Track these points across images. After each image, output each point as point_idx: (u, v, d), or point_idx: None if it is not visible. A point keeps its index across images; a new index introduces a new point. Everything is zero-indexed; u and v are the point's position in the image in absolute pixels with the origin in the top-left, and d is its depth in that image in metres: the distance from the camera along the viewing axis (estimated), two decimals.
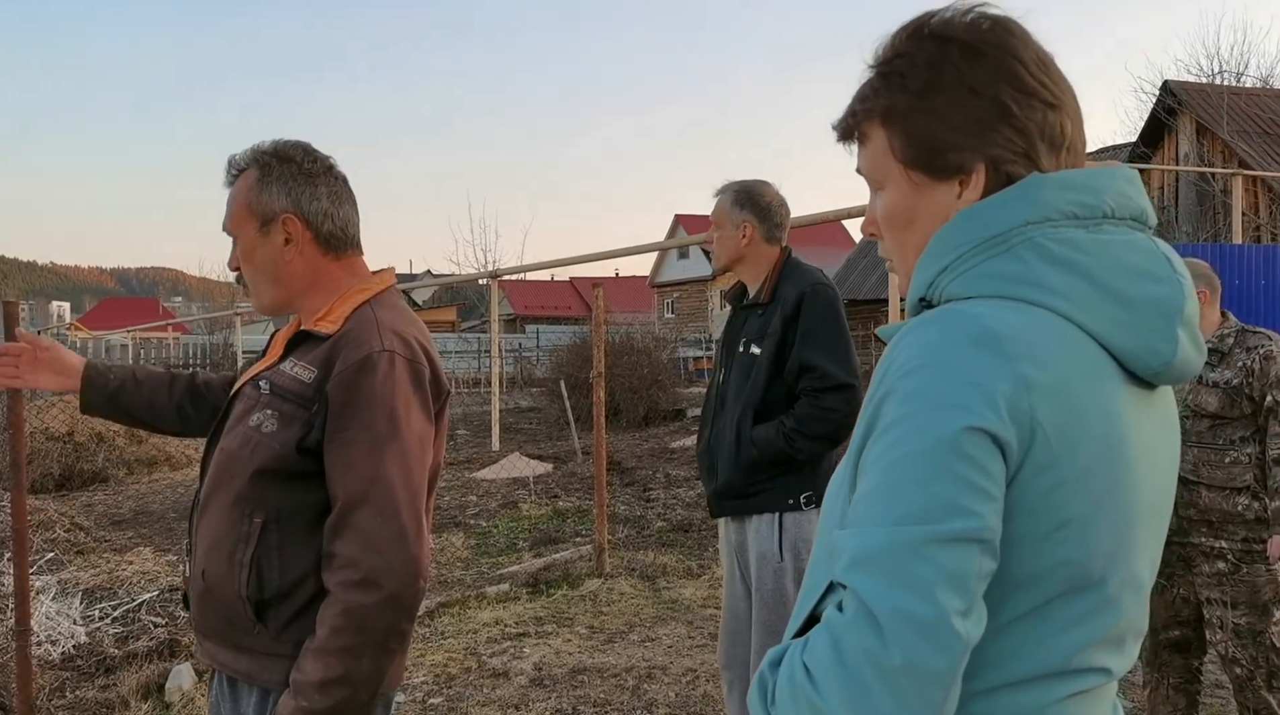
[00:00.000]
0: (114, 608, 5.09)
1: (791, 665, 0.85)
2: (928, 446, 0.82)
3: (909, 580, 0.79)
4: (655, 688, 4.16)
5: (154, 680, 4.24)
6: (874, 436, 0.87)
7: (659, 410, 14.83)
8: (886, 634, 0.78)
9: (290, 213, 1.63)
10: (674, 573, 6.00)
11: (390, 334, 1.58)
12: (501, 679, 4.30)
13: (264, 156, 1.66)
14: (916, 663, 0.77)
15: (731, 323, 2.93)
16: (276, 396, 1.57)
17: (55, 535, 7.38)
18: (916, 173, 0.98)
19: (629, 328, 16.20)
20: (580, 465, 10.56)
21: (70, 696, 4.16)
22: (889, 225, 1.03)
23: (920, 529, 0.80)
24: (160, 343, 24.91)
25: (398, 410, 1.53)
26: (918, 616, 0.78)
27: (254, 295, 1.69)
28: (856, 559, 0.82)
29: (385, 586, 1.47)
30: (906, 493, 0.82)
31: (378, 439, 1.51)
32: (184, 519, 8.58)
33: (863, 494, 0.86)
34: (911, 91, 0.96)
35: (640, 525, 7.54)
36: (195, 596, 1.65)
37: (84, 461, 10.76)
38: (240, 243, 1.66)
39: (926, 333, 0.89)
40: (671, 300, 49.23)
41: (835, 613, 0.83)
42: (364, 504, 1.49)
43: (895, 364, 0.89)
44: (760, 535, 2.73)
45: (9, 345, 1.89)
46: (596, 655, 4.57)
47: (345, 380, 1.53)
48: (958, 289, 0.93)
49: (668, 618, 5.13)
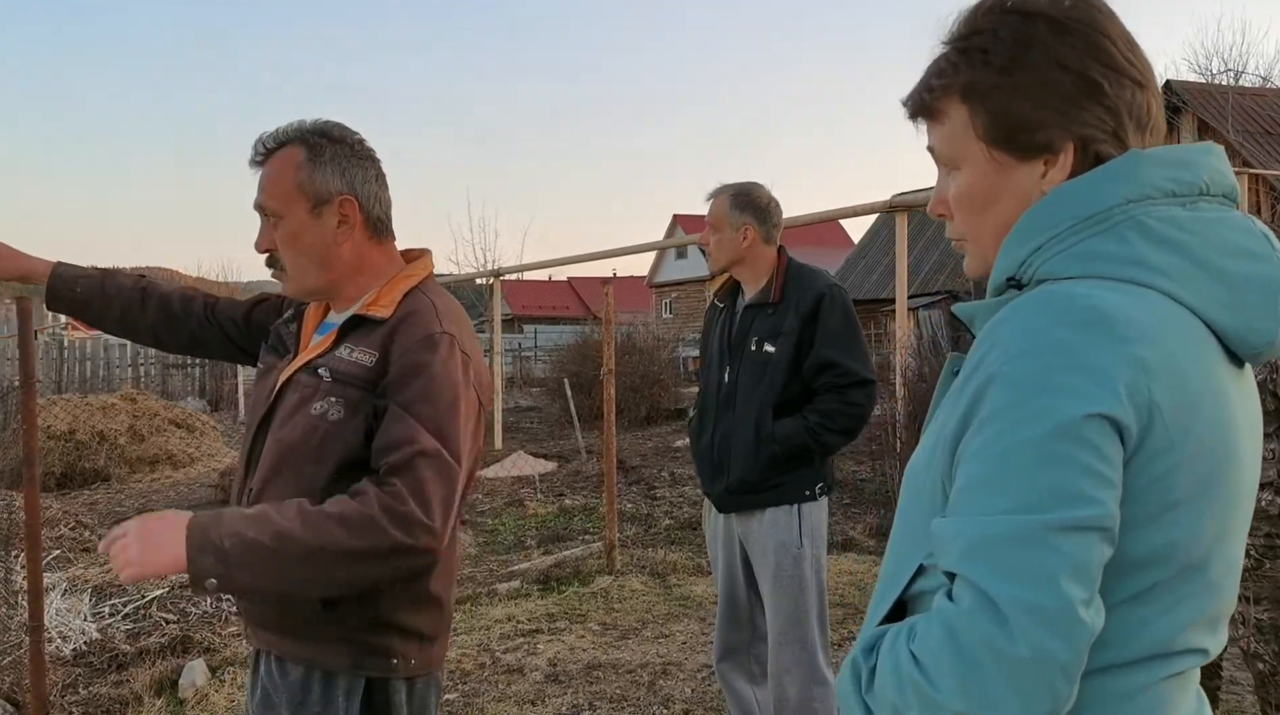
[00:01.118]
0: (124, 605, 5.06)
1: (896, 654, 0.83)
2: (1044, 433, 0.80)
3: (1032, 570, 0.77)
4: (671, 684, 4.15)
5: (167, 676, 4.23)
6: (978, 423, 0.85)
7: (661, 409, 14.85)
8: (1011, 625, 0.76)
9: (347, 194, 1.60)
10: (684, 570, 5.99)
11: (447, 319, 1.57)
12: (516, 675, 4.28)
13: (311, 135, 1.61)
14: (1044, 655, 0.76)
15: (730, 322, 2.95)
16: (339, 383, 1.54)
17: (60, 533, 7.35)
18: (1000, 151, 0.95)
19: (630, 327, 16.19)
20: (584, 464, 10.54)
21: (83, 693, 4.14)
22: (964, 205, 1.00)
23: (1040, 517, 0.78)
24: None
25: (459, 389, 1.53)
26: (1043, 607, 0.76)
27: (294, 278, 1.64)
28: (972, 548, 0.80)
29: (416, 536, 1.42)
30: (1023, 480, 0.80)
31: (442, 410, 1.49)
32: None
33: (970, 482, 0.84)
34: (996, 67, 0.94)
35: (647, 523, 7.53)
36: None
37: (85, 460, 10.71)
38: (286, 223, 1.60)
39: (1030, 315, 0.86)
40: (670, 300, 49.22)
41: (947, 603, 0.81)
42: (432, 458, 1.45)
43: (998, 348, 0.86)
44: (778, 526, 2.80)
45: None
46: (611, 651, 4.56)
47: (409, 358, 1.51)
48: (1054, 269, 0.91)
49: (680, 614, 5.12)
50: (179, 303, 1.92)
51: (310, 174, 1.59)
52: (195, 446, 12.02)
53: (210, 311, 1.93)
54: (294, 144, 1.61)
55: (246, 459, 1.67)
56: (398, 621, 1.57)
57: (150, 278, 1.95)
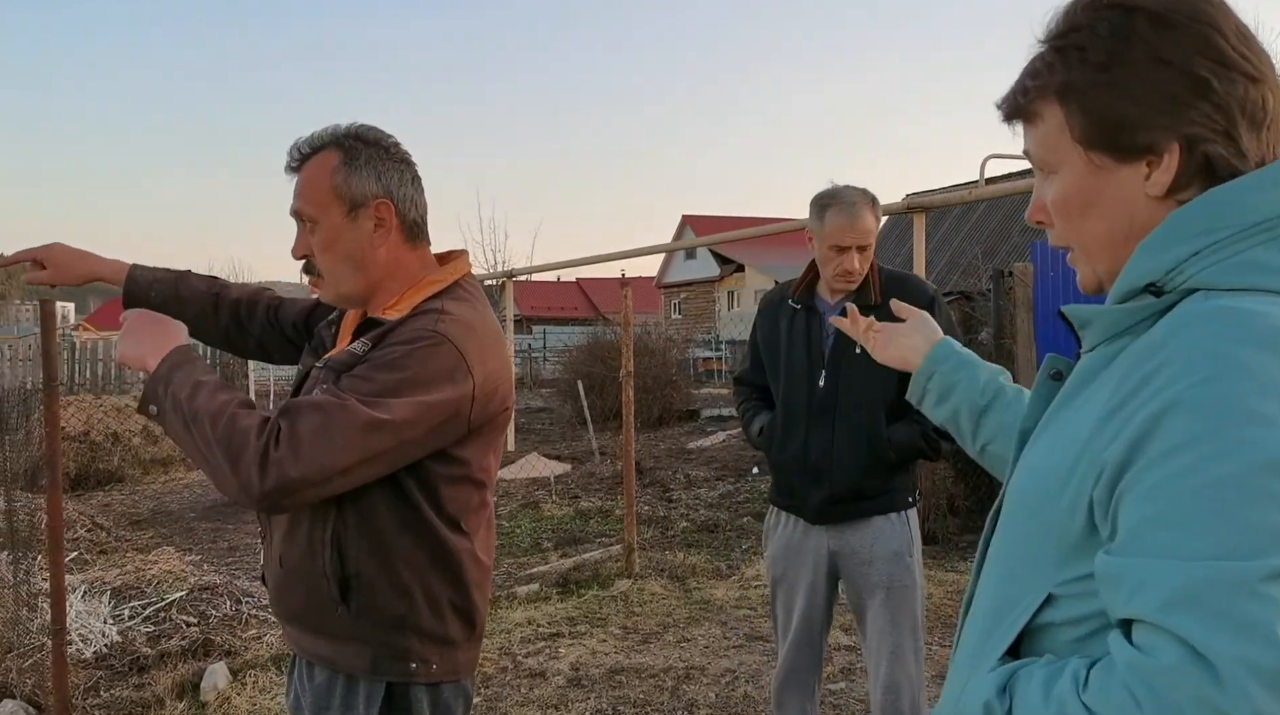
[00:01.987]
0: (144, 607, 5.05)
1: (1060, 703, 0.77)
2: (1250, 467, 0.73)
3: (1247, 624, 0.71)
4: (694, 688, 4.12)
5: (188, 679, 4.21)
6: (1159, 454, 0.77)
7: (673, 411, 14.79)
8: (1227, 685, 0.70)
9: (383, 197, 1.59)
10: (703, 573, 5.96)
11: (450, 323, 1.52)
12: (539, 679, 4.26)
13: (346, 139, 1.59)
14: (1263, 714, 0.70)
15: (816, 325, 2.77)
16: (331, 371, 1.53)
17: (77, 535, 7.35)
18: (1098, 153, 0.91)
19: (642, 328, 16.15)
20: (599, 465, 10.52)
21: (105, 695, 4.13)
22: (1063, 211, 0.95)
23: (1251, 565, 0.72)
24: None
25: (413, 376, 1.45)
26: (1261, 665, 0.70)
27: (330, 284, 1.62)
28: (1179, 598, 0.73)
29: (260, 482, 1.38)
30: (1228, 522, 0.73)
31: (377, 381, 1.44)
32: (203, 519, 8.64)
33: (1157, 521, 0.77)
34: (1093, 65, 0.89)
35: (664, 526, 7.50)
36: (274, 582, 1.64)
37: (100, 461, 10.73)
38: (322, 228, 1.58)
39: (1206, 333, 0.79)
40: (679, 301, 49.17)
41: (1138, 655, 0.75)
42: (325, 413, 1.40)
43: (1174, 368, 0.79)
44: (890, 534, 2.70)
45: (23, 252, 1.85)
46: (633, 655, 4.53)
47: (386, 347, 1.49)
48: (1212, 278, 0.84)
49: (701, 618, 5.09)
50: (247, 307, 1.91)
51: (346, 178, 1.57)
52: None
53: (274, 314, 1.93)
54: (329, 149, 1.59)
55: None
56: (417, 624, 1.56)
57: (222, 281, 1.94)
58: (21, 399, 9.50)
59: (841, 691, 4.05)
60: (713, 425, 14.47)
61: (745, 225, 30.37)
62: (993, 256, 22.44)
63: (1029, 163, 1.00)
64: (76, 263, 1.82)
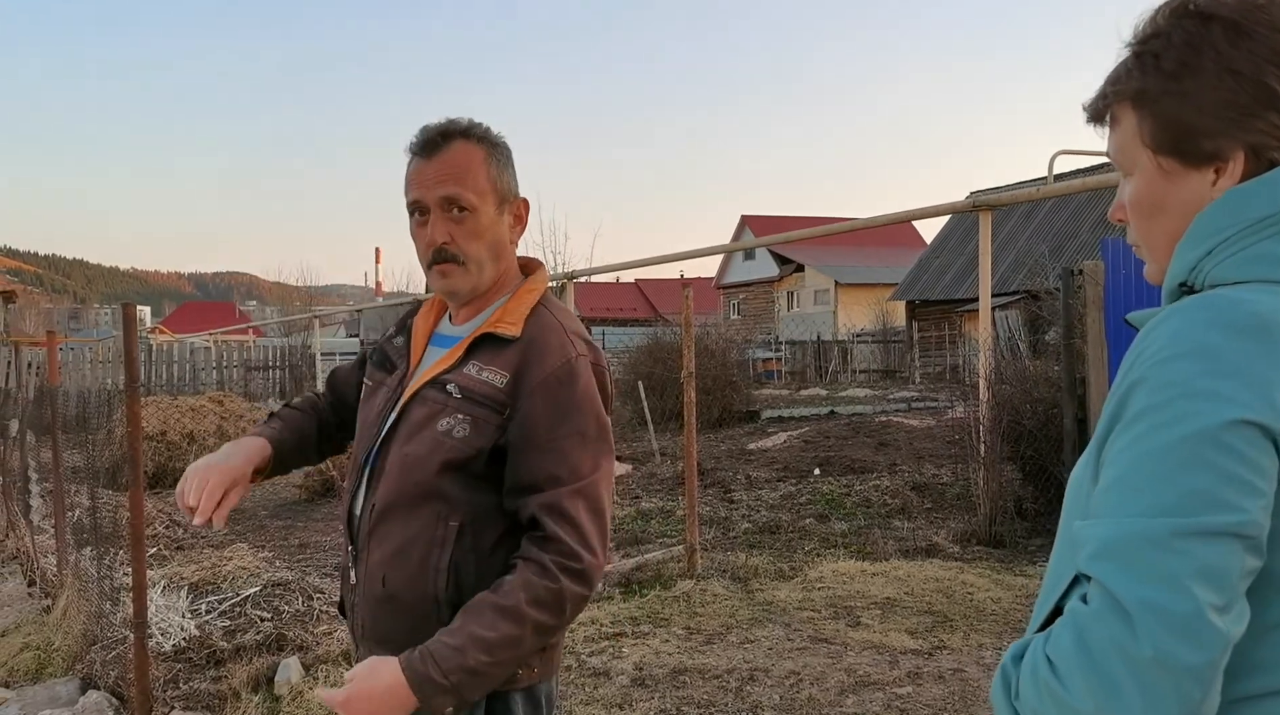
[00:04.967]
0: (220, 602, 5.20)
1: (1034, 658, 0.84)
2: (1184, 437, 0.80)
3: (1160, 573, 0.77)
4: (758, 690, 4.11)
5: (263, 673, 4.32)
6: (1121, 425, 0.85)
7: (733, 412, 14.77)
8: (1136, 625, 0.76)
9: (523, 197, 1.67)
10: (765, 574, 5.93)
11: (577, 339, 1.59)
12: (602, 678, 4.29)
13: (482, 134, 1.62)
14: (1169, 657, 0.76)
15: None
16: (469, 401, 1.53)
17: (155, 531, 7.60)
18: (1166, 159, 0.95)
19: (702, 328, 16.13)
20: (659, 466, 10.54)
21: (184, 688, 4.26)
22: (1136, 213, 1.00)
23: (1172, 521, 0.78)
24: (241, 346, 25.56)
25: (602, 415, 1.56)
26: (1170, 610, 0.76)
27: (473, 273, 1.60)
28: (1102, 550, 0.81)
29: (592, 585, 1.49)
30: (1158, 484, 0.80)
31: (590, 440, 1.53)
32: (275, 517, 8.84)
33: (1108, 484, 0.84)
34: (1165, 73, 0.93)
35: (726, 526, 7.49)
36: (370, 603, 1.60)
37: (176, 460, 11.05)
38: (478, 217, 1.58)
39: (1184, 319, 0.85)
40: (737, 302, 48.99)
41: (1079, 604, 0.82)
42: (580, 497, 1.49)
43: (1148, 351, 0.86)
44: None
45: (209, 502, 1.66)
46: (696, 656, 4.53)
47: (549, 390, 1.52)
48: (1224, 274, 0.90)
49: (764, 620, 5.08)
50: (320, 418, 1.90)
51: (499, 172, 1.62)
52: None
53: (335, 387, 1.94)
54: (472, 141, 1.61)
55: (365, 473, 1.64)
56: None
57: (307, 403, 1.92)
58: (104, 400, 9.85)
59: (909, 696, 4.00)
60: (773, 426, 14.40)
61: (805, 225, 30.15)
62: (1059, 255, 21.98)
63: (1109, 161, 1.01)
64: (241, 468, 1.70)
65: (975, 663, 4.38)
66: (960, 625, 4.91)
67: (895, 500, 8.05)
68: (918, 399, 18.05)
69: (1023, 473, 7.19)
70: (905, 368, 29.74)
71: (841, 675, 4.23)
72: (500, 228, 1.63)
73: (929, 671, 4.27)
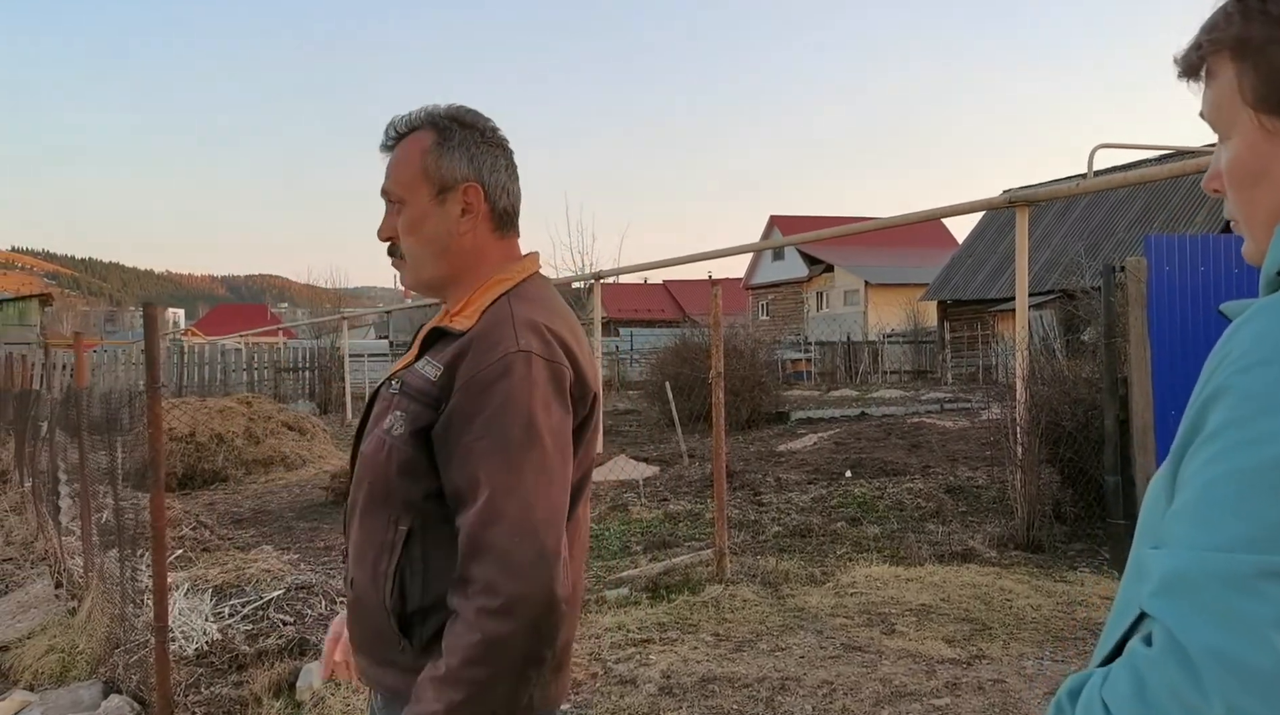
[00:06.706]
0: (243, 605, 5.15)
1: (1089, 698, 0.75)
2: (1270, 460, 0.69)
3: (1235, 618, 0.66)
4: (790, 700, 3.98)
5: (285, 678, 4.26)
6: (1200, 439, 0.74)
7: (762, 413, 14.61)
8: (1204, 678, 0.66)
9: (472, 181, 1.51)
10: (796, 579, 5.79)
11: (527, 331, 1.41)
12: (629, 686, 4.18)
13: (442, 119, 1.53)
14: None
15: None
16: (405, 396, 1.45)
17: (182, 533, 7.60)
18: (1271, 118, 0.82)
19: (730, 329, 15.99)
20: (687, 468, 10.42)
21: (205, 693, 4.21)
22: (1234, 181, 0.87)
23: (1253, 558, 0.67)
24: (271, 348, 25.74)
25: (536, 416, 1.36)
26: (1246, 664, 0.65)
27: (412, 269, 1.55)
28: (1167, 585, 0.71)
29: (525, 615, 1.29)
30: (1236, 513, 0.69)
31: (512, 447, 1.34)
32: (301, 518, 8.83)
33: (1180, 509, 0.74)
34: (1272, 18, 0.80)
35: (755, 530, 7.36)
36: (348, 606, 1.56)
37: (205, 461, 11.10)
38: (408, 210, 1.52)
39: (1272, 317, 0.74)
40: (766, 302, 48.77)
41: (1141, 646, 0.72)
42: (500, 520, 1.32)
43: (1233, 353, 0.75)
44: None
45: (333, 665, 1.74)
46: (725, 664, 4.41)
47: (476, 385, 1.37)
48: None
49: (795, 626, 4.94)
50: None
51: (437, 159, 1.51)
52: (307, 448, 12.34)
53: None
54: (424, 128, 1.53)
55: (351, 471, 1.63)
56: None
57: None
58: (132, 401, 9.87)
59: (948, 708, 3.86)
60: (803, 427, 14.23)
61: (833, 225, 29.92)
62: (1095, 253, 21.57)
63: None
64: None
65: (1016, 673, 4.22)
66: (999, 633, 4.75)
67: (929, 503, 7.87)
68: (950, 400, 17.78)
69: (1061, 475, 7.00)
70: (937, 368, 29.42)
71: (877, 685, 4.09)
72: (442, 219, 1.51)
73: (968, 682, 4.12)
